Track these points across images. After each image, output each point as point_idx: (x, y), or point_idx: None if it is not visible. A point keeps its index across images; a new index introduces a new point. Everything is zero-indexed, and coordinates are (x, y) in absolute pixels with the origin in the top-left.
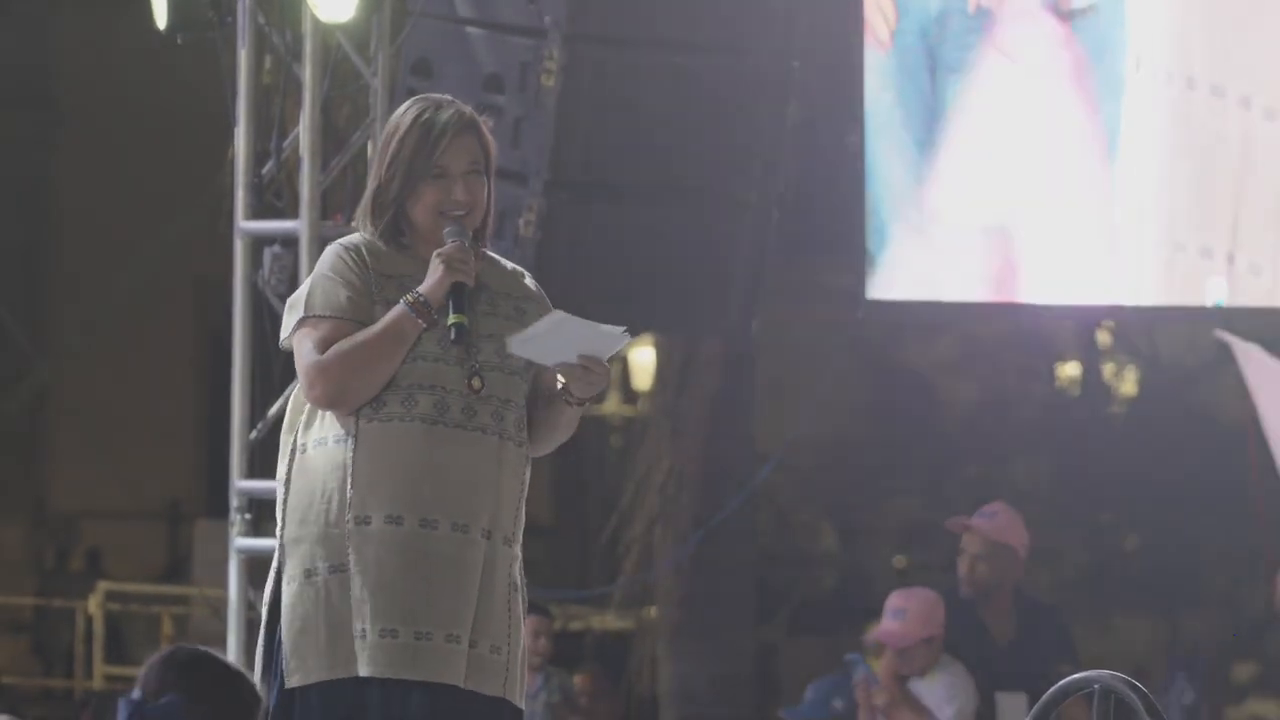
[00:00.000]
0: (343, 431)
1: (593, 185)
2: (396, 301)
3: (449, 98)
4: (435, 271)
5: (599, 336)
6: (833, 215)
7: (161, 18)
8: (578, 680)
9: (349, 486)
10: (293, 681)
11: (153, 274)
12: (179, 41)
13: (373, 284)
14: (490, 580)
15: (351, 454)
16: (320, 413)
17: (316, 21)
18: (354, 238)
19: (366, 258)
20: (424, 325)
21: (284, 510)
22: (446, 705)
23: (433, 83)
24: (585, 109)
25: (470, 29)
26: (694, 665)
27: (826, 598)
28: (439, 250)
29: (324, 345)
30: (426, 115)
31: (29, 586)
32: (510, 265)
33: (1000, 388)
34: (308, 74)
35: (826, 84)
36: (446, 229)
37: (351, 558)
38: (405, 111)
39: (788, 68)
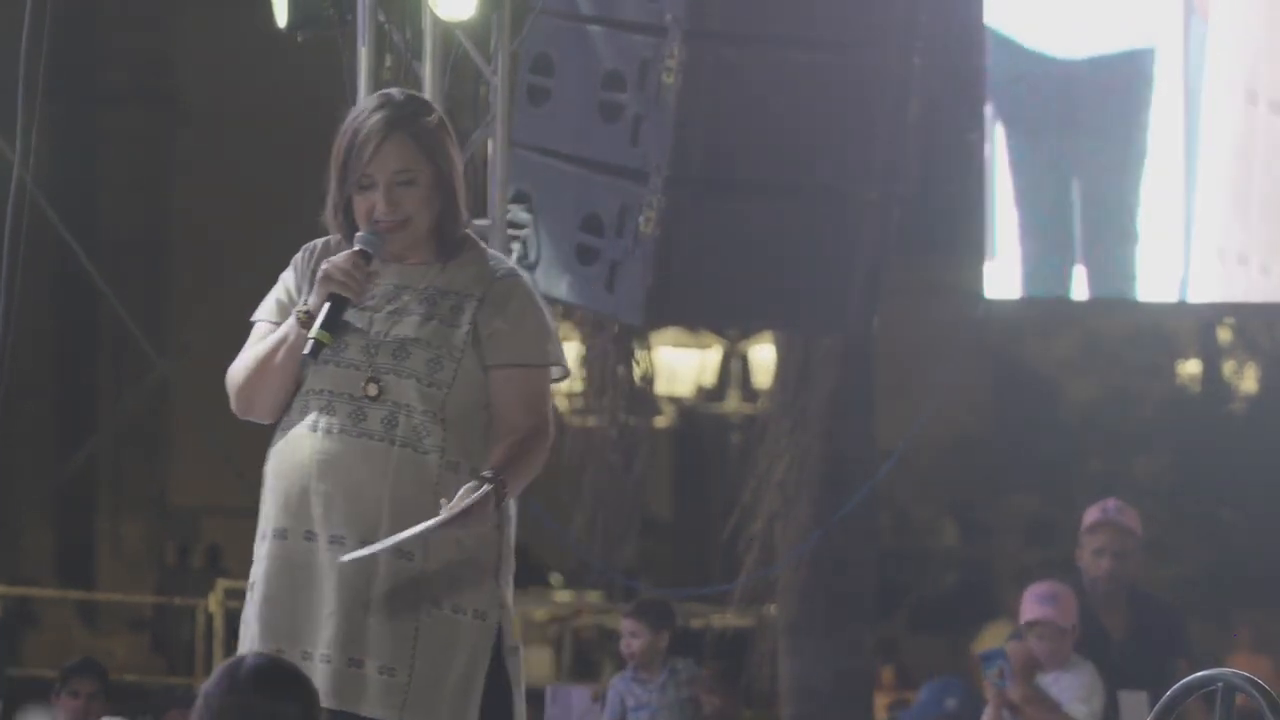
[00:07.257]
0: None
1: (713, 183)
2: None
3: (405, 93)
4: (318, 283)
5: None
6: (953, 213)
7: (282, 15)
8: None
9: (264, 501)
10: None
11: (272, 271)
12: (299, 39)
13: (306, 286)
14: (380, 595)
15: (266, 466)
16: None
17: (437, 19)
18: (323, 237)
19: (314, 260)
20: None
21: None
22: None
23: (553, 80)
24: (705, 106)
25: (591, 26)
26: (814, 662)
27: (947, 595)
28: (325, 260)
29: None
30: (360, 118)
31: (149, 584)
32: (492, 263)
33: (1121, 385)
34: (428, 72)
35: (948, 81)
36: (357, 235)
37: (251, 575)
38: (354, 109)
39: (909, 64)
